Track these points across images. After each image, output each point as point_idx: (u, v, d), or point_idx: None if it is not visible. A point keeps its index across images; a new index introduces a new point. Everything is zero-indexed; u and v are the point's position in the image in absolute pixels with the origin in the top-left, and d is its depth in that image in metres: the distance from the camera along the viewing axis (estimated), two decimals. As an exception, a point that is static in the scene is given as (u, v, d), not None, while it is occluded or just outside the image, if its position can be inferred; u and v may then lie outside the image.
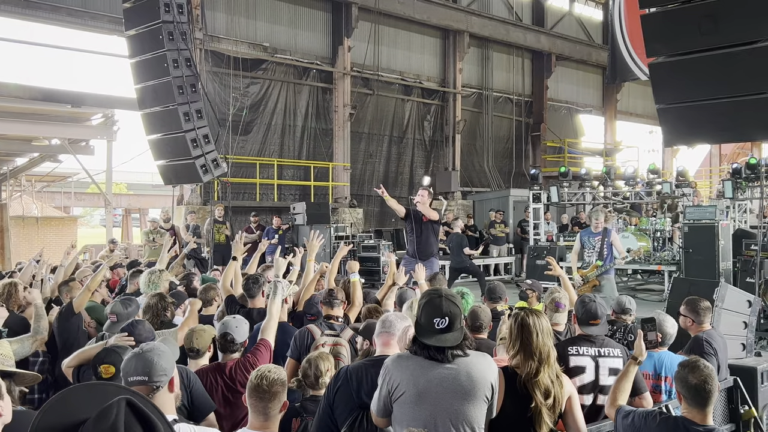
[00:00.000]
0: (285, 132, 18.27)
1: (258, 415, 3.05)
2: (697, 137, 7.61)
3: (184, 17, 11.81)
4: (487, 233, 17.89)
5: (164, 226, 14.07)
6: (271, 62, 17.84)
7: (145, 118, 12.40)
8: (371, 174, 20.24)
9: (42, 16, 14.80)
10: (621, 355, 3.98)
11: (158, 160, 12.63)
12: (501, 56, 23.71)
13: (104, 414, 1.43)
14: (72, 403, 1.51)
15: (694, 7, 6.31)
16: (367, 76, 19.65)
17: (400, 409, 2.92)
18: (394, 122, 20.68)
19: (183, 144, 11.86)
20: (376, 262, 15.91)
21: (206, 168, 12.07)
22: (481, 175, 23.02)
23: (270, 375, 3.09)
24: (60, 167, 27.36)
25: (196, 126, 11.85)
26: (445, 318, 2.93)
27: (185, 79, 11.74)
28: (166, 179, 12.93)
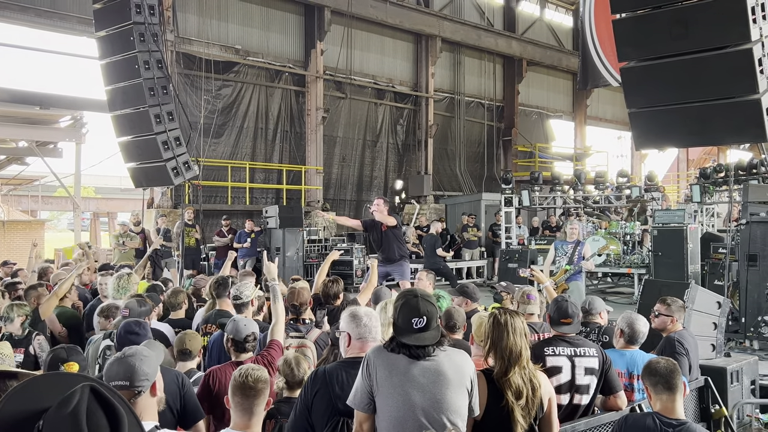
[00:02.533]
0: (257, 135, 18.18)
1: (243, 413, 3.03)
2: (667, 141, 7.72)
3: (155, 18, 11.70)
4: (460, 237, 17.96)
5: (134, 229, 13.89)
6: (243, 65, 17.73)
7: (115, 120, 12.26)
8: (345, 178, 20.22)
9: (9, 16, 14.55)
10: (596, 355, 4.02)
11: (128, 163, 12.48)
12: (473, 61, 23.87)
13: (66, 400, 1.41)
14: (35, 391, 1.50)
15: (665, 12, 6.41)
16: (340, 79, 19.64)
17: (384, 401, 2.91)
18: (367, 126, 20.69)
19: (154, 146, 11.74)
20: (349, 265, 15.89)
21: (177, 171, 11.95)
22: (453, 179, 23.12)
23: (254, 373, 3.10)
24: (27, 170, 26.92)
25: (167, 128, 11.73)
26: (423, 317, 2.95)
27: (156, 81, 11.63)
28: (136, 182, 12.77)
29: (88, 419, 1.38)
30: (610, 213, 18.30)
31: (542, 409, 3.18)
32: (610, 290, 15.30)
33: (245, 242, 14.59)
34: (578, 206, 17.65)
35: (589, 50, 19.72)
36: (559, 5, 27.51)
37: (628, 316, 4.68)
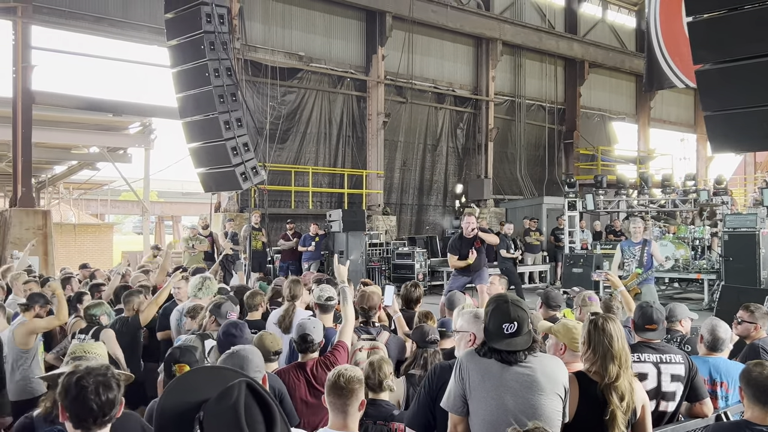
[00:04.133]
0: (320, 140, 18.42)
1: (337, 413, 3.11)
2: (744, 144, 7.56)
3: (224, 27, 12.00)
4: (521, 241, 17.83)
5: (203, 232, 14.26)
6: (306, 71, 18.02)
7: (186, 127, 12.60)
8: (406, 182, 20.32)
9: (84, 26, 15.11)
10: (683, 362, 3.98)
11: (198, 168, 12.81)
12: (534, 64, 23.69)
13: (226, 394, 1.52)
14: (193, 384, 1.61)
15: (744, 14, 6.30)
16: (401, 84, 19.76)
17: (477, 405, 2.97)
18: (427, 130, 20.75)
19: (223, 152, 12.03)
20: (411, 269, 15.95)
21: (246, 176, 12.22)
22: (513, 182, 22.98)
23: (347, 373, 3.16)
24: (96, 175, 27.91)
25: (236, 134, 12.02)
26: (514, 323, 2.99)
27: (226, 88, 11.92)
28: (206, 186, 13.11)
29: (246, 413, 1.49)
30: (676, 217, 17.93)
31: (635, 415, 3.19)
32: (678, 296, 14.98)
33: (309, 246, 14.80)
34: (643, 210, 17.34)
35: (654, 51, 19.34)
36: (622, 6, 27.06)
37: (709, 322, 4.62)
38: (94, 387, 2.31)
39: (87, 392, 2.30)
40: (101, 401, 2.31)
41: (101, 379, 2.35)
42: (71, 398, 2.31)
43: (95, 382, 2.33)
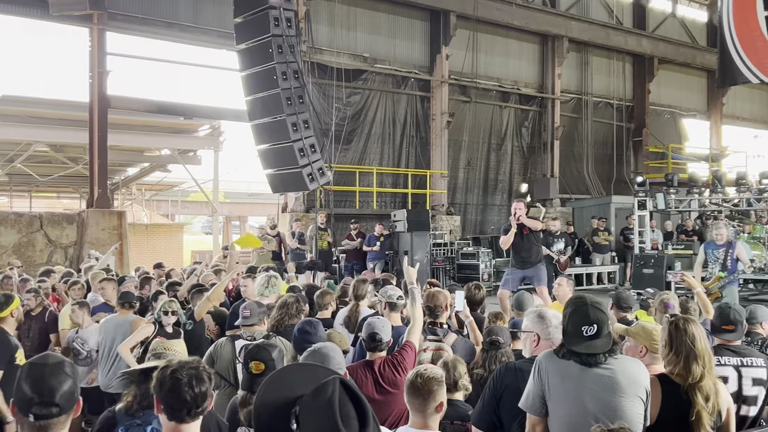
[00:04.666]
0: (384, 140, 18.51)
1: (416, 413, 3.13)
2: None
3: (292, 30, 12.22)
4: (590, 241, 17.55)
5: (271, 232, 14.50)
6: (370, 72, 18.13)
7: (254, 129, 12.88)
8: (470, 181, 20.24)
9: (156, 32, 15.57)
10: (765, 365, 3.88)
11: (267, 170, 13.08)
12: (601, 60, 23.24)
13: (321, 390, 1.59)
14: (289, 380, 1.69)
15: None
16: (465, 83, 19.68)
17: (556, 406, 2.96)
18: (492, 129, 20.61)
19: (291, 154, 12.25)
20: (476, 269, 15.88)
21: (312, 176, 12.42)
22: (580, 181, 22.60)
23: (425, 373, 3.17)
24: (167, 176, 28.73)
25: (303, 136, 12.23)
26: (593, 325, 2.96)
27: (293, 90, 12.15)
28: (274, 187, 13.38)
29: (341, 409, 1.54)
30: (751, 216, 17.32)
31: (720, 417, 3.12)
32: (753, 297, 14.47)
33: (374, 246, 14.89)
34: (716, 210, 16.81)
35: (727, 46, 18.70)
36: (693, 0, 26.30)
37: None
38: (187, 380, 2.41)
39: (181, 385, 2.39)
40: (194, 393, 2.40)
41: (194, 372, 2.45)
42: (166, 391, 2.40)
43: (188, 375, 2.43)
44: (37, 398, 2.10)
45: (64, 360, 2.26)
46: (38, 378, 2.14)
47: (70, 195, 31.93)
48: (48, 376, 2.14)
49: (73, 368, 2.26)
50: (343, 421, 1.53)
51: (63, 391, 2.15)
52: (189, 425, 2.43)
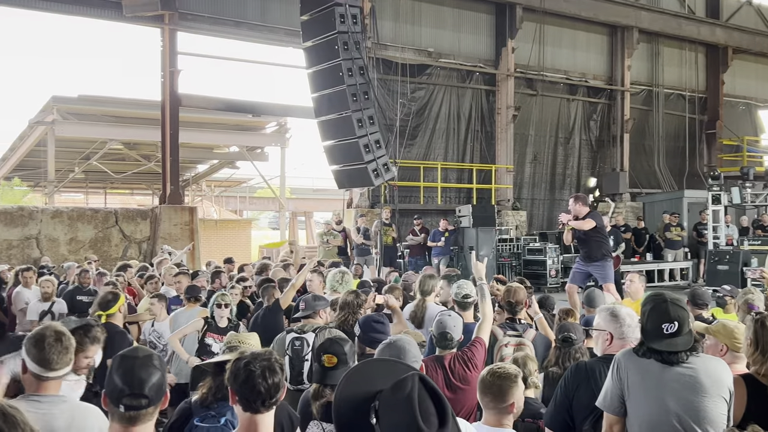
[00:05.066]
0: (449, 135, 18.43)
1: (489, 411, 3.11)
2: None
3: (357, 27, 12.25)
4: (661, 237, 17.08)
5: (336, 228, 14.64)
6: (435, 67, 18.08)
7: (320, 126, 12.98)
8: (537, 176, 19.97)
9: (226, 31, 15.88)
10: None
11: (332, 165, 13.17)
12: (672, 51, 22.55)
13: (400, 385, 1.60)
14: (368, 375, 1.71)
15: None
16: (531, 76, 19.42)
17: (636, 405, 2.90)
18: (559, 123, 20.27)
19: (356, 149, 12.29)
20: (542, 265, 15.66)
21: (377, 172, 12.44)
22: (650, 175, 22.01)
23: (499, 371, 3.14)
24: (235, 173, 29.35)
25: (368, 132, 12.25)
26: (674, 323, 2.88)
27: (359, 86, 12.18)
28: (339, 183, 13.46)
29: (420, 405, 1.54)
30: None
31: None
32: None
33: (439, 241, 14.87)
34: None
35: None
36: (771, -15, 25.25)
37: None
38: (260, 371, 2.45)
39: (255, 376, 2.44)
40: (268, 384, 2.44)
41: (266, 363, 2.49)
42: (240, 382, 2.45)
43: (261, 366, 2.47)
44: (127, 390, 2.17)
45: (153, 353, 2.34)
46: (128, 370, 2.21)
47: (143, 192, 32.96)
48: (138, 369, 2.21)
49: (161, 361, 2.33)
50: (423, 417, 1.53)
51: (152, 384, 2.21)
52: (263, 416, 2.48)
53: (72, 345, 2.80)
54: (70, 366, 2.81)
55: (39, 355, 2.69)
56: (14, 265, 10.93)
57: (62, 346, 2.73)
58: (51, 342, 2.71)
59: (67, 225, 13.89)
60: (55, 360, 2.70)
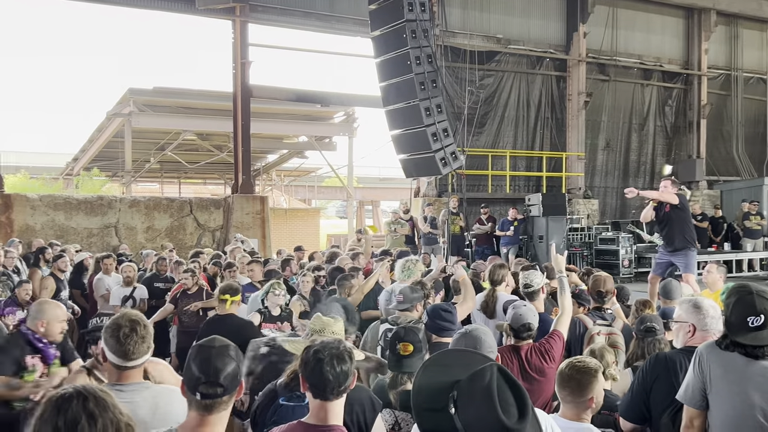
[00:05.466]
0: (518, 123, 18.21)
1: (567, 404, 3.08)
2: None
3: (425, 15, 12.18)
4: (740, 225, 16.48)
5: (404, 217, 14.66)
6: (504, 53, 17.86)
7: (388, 115, 12.99)
8: (609, 164, 19.53)
9: (295, 22, 16.04)
10: None
11: (400, 155, 13.17)
12: (752, 33, 21.63)
13: (479, 375, 1.60)
14: (445, 365, 1.71)
15: None
16: (603, 61, 18.97)
17: (718, 399, 2.82)
18: (632, 109, 19.76)
19: (424, 138, 12.26)
20: (615, 255, 15.32)
21: (445, 161, 12.38)
22: (729, 162, 21.22)
23: (579, 365, 3.10)
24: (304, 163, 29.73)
25: (436, 120, 12.19)
26: (760, 316, 2.79)
27: (426, 75, 12.13)
28: (407, 172, 13.46)
29: (500, 395, 1.54)
30: None
31: None
32: None
33: (508, 230, 14.72)
34: None
35: None
36: None
37: None
38: (329, 359, 2.50)
39: (323, 365, 2.49)
40: (336, 373, 2.49)
41: (335, 352, 2.53)
42: (310, 370, 2.50)
43: (330, 355, 2.52)
44: (203, 378, 2.23)
45: (229, 344, 2.38)
46: (205, 359, 2.27)
47: (215, 181, 33.76)
48: (214, 358, 2.27)
49: (237, 352, 2.38)
50: (503, 408, 1.53)
51: (227, 373, 2.26)
52: (333, 403, 2.53)
53: (149, 333, 2.84)
54: (149, 353, 2.86)
55: (116, 346, 2.74)
56: (95, 253, 11.37)
57: (138, 336, 2.77)
58: (126, 332, 2.75)
59: (144, 214, 14.34)
60: (132, 350, 2.74)
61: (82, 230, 13.71)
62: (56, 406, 1.71)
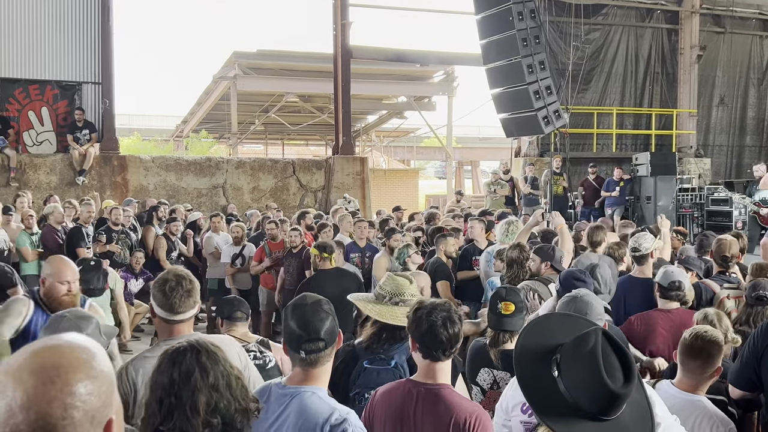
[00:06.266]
0: (626, 79, 17.53)
1: (688, 374, 3.00)
2: None
3: (527, -32, 11.82)
4: None
5: (504, 177, 14.48)
6: (611, 6, 17.15)
7: (489, 73, 12.76)
8: (723, 121, 18.54)
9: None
10: None
11: (501, 114, 12.95)
12: None
13: (584, 339, 1.59)
14: (549, 328, 1.72)
15: None
16: (719, 12, 17.90)
17: None
18: (750, 62, 18.60)
19: (526, 96, 12.00)
20: (728, 216, 14.58)
21: (548, 119, 12.10)
22: None
23: (707, 335, 3.01)
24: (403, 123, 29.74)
25: (538, 78, 11.90)
26: None
27: (529, 31, 11.81)
28: (508, 132, 13.23)
29: (604, 359, 1.52)
30: None
31: None
32: None
33: (613, 191, 14.28)
34: None
35: None
36: None
37: None
38: (441, 322, 2.53)
39: (436, 327, 2.52)
40: (449, 335, 2.53)
41: (446, 314, 2.57)
42: (422, 331, 2.54)
43: (442, 317, 2.55)
44: (305, 336, 2.30)
45: (321, 299, 2.44)
46: (301, 317, 2.33)
47: (317, 143, 34.32)
48: (309, 315, 2.33)
49: (330, 305, 2.43)
50: (608, 372, 1.51)
51: (325, 328, 2.32)
52: (443, 363, 2.58)
53: (195, 288, 2.89)
54: (196, 308, 2.91)
55: (162, 299, 2.80)
56: (205, 213, 11.87)
57: (183, 290, 2.81)
58: (172, 286, 2.80)
59: (250, 175, 14.78)
60: (178, 304, 2.79)
61: (192, 190, 14.28)
62: (171, 359, 1.81)
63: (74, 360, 1.08)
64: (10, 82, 13.22)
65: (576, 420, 1.53)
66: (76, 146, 12.95)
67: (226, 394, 1.79)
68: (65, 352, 1.09)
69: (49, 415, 1.03)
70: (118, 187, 13.52)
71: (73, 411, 1.04)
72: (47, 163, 13.04)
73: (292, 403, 2.26)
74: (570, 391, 1.53)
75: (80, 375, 1.07)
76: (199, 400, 1.75)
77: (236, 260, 8.47)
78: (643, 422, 1.58)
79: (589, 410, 1.52)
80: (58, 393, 1.04)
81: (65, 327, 2.69)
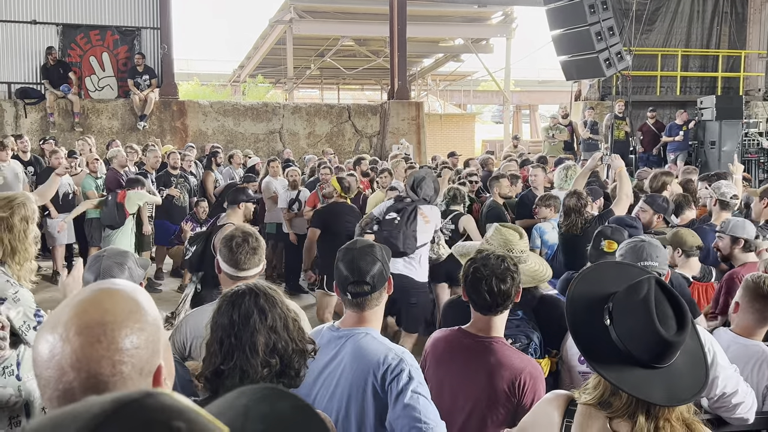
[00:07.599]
0: (693, 19, 16.79)
1: (750, 317, 2.97)
2: None
3: None
4: None
5: (562, 122, 14.19)
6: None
7: (549, 14, 12.42)
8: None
9: None
10: None
11: (561, 56, 12.65)
12: None
13: (637, 287, 1.59)
14: (602, 276, 1.72)
15: None
16: (797, -55, 16.87)
17: None
18: (829, -1, 17.56)
19: (587, 38, 11.68)
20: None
21: (610, 62, 11.77)
22: None
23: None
24: (459, 67, 29.25)
25: (600, 18, 11.55)
26: None
27: (592, -32, 11.40)
28: (567, 74, 12.93)
29: (657, 307, 1.52)
30: None
31: None
32: None
33: (676, 135, 13.88)
34: None
35: None
36: None
37: None
38: (488, 278, 2.50)
39: (482, 284, 2.51)
40: (495, 292, 2.49)
41: (497, 271, 2.51)
42: (468, 284, 2.54)
43: (490, 274, 2.51)
44: (351, 278, 2.35)
45: (373, 244, 2.47)
46: (350, 261, 2.38)
47: (372, 87, 34.09)
48: (357, 259, 2.37)
49: (382, 250, 2.45)
50: (660, 320, 1.51)
51: (373, 273, 2.35)
52: (495, 317, 2.56)
53: (261, 246, 2.95)
54: (261, 267, 2.97)
55: (229, 255, 2.87)
56: (262, 158, 12.01)
57: (249, 247, 2.88)
58: (239, 242, 2.87)
59: (306, 120, 14.84)
60: (243, 260, 2.86)
61: (249, 135, 14.44)
62: (231, 302, 1.87)
63: (119, 314, 1.10)
64: (71, 28, 13.48)
65: (628, 368, 1.54)
66: (136, 91, 13.21)
67: (284, 335, 1.84)
68: (108, 308, 1.11)
69: (99, 373, 1.06)
70: (178, 132, 13.77)
71: (122, 367, 1.07)
72: (109, 108, 13.35)
73: (346, 345, 2.31)
74: (622, 340, 1.53)
75: (126, 330, 1.09)
76: (258, 341, 1.80)
77: (293, 205, 8.58)
78: (697, 369, 1.58)
79: (642, 358, 1.53)
80: (105, 351, 1.07)
81: (106, 266, 2.72)
